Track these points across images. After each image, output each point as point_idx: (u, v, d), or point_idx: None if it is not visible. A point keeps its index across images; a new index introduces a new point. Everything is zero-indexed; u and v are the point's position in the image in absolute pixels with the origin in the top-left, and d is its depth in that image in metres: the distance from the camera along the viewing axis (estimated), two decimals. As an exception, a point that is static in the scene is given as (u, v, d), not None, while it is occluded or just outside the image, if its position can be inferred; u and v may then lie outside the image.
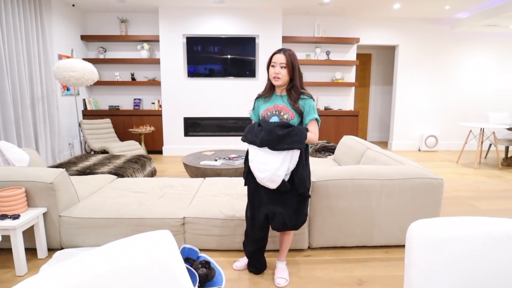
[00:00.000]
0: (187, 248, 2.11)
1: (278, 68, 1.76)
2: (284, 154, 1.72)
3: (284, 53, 1.76)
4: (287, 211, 1.81)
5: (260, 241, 1.97)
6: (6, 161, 2.55)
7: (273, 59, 1.78)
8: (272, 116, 1.81)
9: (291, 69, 1.76)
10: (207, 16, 5.48)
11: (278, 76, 1.76)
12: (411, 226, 0.95)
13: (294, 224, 1.85)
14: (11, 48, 3.86)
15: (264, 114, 1.84)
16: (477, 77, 6.37)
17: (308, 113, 1.79)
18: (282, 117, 1.79)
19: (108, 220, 2.26)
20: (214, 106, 5.78)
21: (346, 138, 3.67)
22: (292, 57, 1.77)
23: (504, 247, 0.92)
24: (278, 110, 1.80)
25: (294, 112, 1.78)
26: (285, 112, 1.79)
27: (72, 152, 5.35)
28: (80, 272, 0.72)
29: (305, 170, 1.80)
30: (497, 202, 3.48)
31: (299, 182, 1.76)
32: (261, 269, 2.06)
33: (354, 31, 6.02)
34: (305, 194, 1.82)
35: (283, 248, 2.04)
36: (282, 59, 1.75)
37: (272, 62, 1.79)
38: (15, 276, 2.02)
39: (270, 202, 1.82)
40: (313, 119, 1.79)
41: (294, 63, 1.77)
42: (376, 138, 7.61)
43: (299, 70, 1.81)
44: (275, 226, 1.84)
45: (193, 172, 3.49)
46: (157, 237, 0.86)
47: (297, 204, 1.83)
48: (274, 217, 1.82)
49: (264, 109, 1.85)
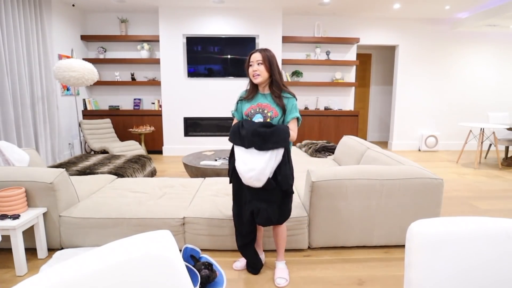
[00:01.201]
0: (189, 248, 2.11)
1: (256, 65, 1.80)
2: (270, 154, 1.76)
3: (259, 51, 1.82)
4: (271, 207, 1.85)
5: (248, 235, 2.01)
6: (6, 161, 2.55)
7: (250, 58, 1.83)
8: (256, 113, 1.84)
9: (268, 65, 1.80)
10: (207, 16, 5.48)
11: (257, 73, 1.80)
12: (411, 226, 0.95)
13: (278, 219, 1.89)
14: (11, 48, 3.86)
15: (247, 112, 1.88)
16: (477, 77, 6.37)
17: (290, 111, 1.83)
18: (266, 114, 1.82)
19: (108, 220, 2.26)
20: (214, 106, 5.78)
21: (346, 138, 3.67)
22: (268, 53, 1.82)
23: (504, 247, 0.92)
24: (262, 108, 1.84)
25: (278, 110, 1.82)
26: (269, 110, 1.82)
27: (72, 152, 5.35)
28: (80, 272, 0.72)
29: (287, 168, 1.82)
30: (497, 202, 3.48)
31: (282, 179, 1.79)
32: (257, 267, 2.05)
33: (354, 31, 6.02)
34: (289, 190, 1.85)
35: (279, 245, 2.03)
36: (258, 57, 1.80)
37: (250, 61, 1.83)
38: (15, 276, 2.02)
39: (254, 199, 1.86)
40: (294, 117, 1.84)
41: (271, 59, 1.81)
42: (376, 138, 7.61)
43: (278, 67, 1.85)
44: (260, 221, 1.88)
45: (193, 172, 3.49)
46: (157, 237, 0.86)
47: (280, 200, 1.87)
48: (259, 213, 1.86)
49: (247, 107, 1.88)
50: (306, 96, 6.07)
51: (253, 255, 2.04)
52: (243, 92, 1.98)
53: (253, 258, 2.04)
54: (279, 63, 5.64)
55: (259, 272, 2.06)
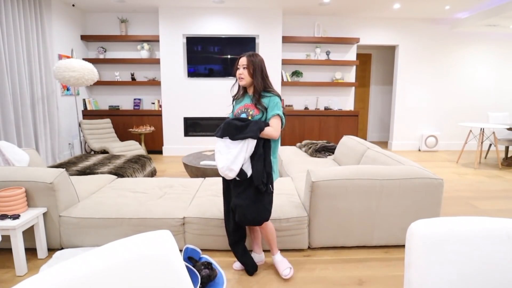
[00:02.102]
0: (190, 248, 2.11)
1: (241, 69, 1.91)
2: (241, 144, 1.82)
3: (246, 56, 1.91)
4: (246, 203, 1.86)
5: (235, 234, 2.04)
6: (6, 161, 2.55)
7: (238, 62, 1.93)
8: (242, 113, 1.95)
9: (251, 69, 1.89)
10: (207, 16, 5.48)
11: (241, 77, 1.92)
12: (411, 226, 0.95)
13: (254, 217, 1.87)
14: (11, 48, 3.86)
15: (236, 112, 2.00)
16: (477, 77, 6.37)
17: (271, 109, 1.88)
18: (249, 113, 1.92)
19: (108, 220, 2.26)
20: (214, 106, 5.78)
21: (346, 138, 3.67)
22: (253, 58, 1.90)
23: (504, 247, 0.92)
24: (246, 108, 1.94)
25: (259, 109, 1.90)
26: (251, 109, 1.92)
27: (72, 152, 5.35)
28: (80, 272, 0.72)
29: (261, 164, 1.84)
30: (497, 202, 3.48)
31: (254, 174, 1.83)
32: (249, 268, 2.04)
33: (354, 31, 6.02)
34: (260, 187, 1.83)
35: (269, 242, 2.04)
36: (244, 61, 1.90)
37: (238, 65, 1.94)
38: (15, 276, 2.02)
39: (233, 196, 1.94)
40: (275, 114, 1.87)
41: (254, 63, 1.89)
42: (376, 138, 7.61)
43: (262, 71, 1.92)
44: (237, 218, 1.91)
45: (193, 172, 3.49)
46: (157, 237, 0.86)
47: (255, 197, 1.86)
48: (235, 210, 1.91)
49: (237, 108, 2.01)
50: (306, 96, 6.07)
51: (242, 254, 2.05)
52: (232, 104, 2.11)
53: (243, 257, 2.05)
54: (279, 63, 5.66)
55: (252, 273, 2.04)
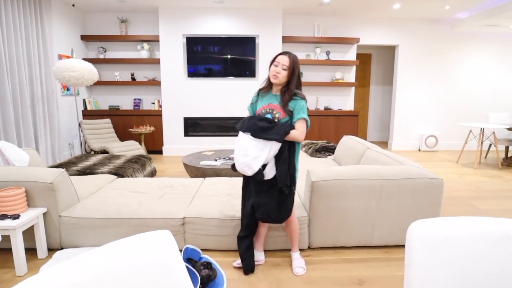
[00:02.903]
0: (190, 248, 2.11)
1: (280, 68, 1.85)
2: (264, 144, 1.82)
3: (288, 56, 1.85)
4: (270, 203, 1.91)
5: (248, 229, 2.06)
6: (6, 161, 2.55)
7: (277, 59, 1.87)
8: (266, 114, 1.92)
9: (291, 72, 1.85)
10: (207, 16, 5.48)
11: (277, 75, 1.85)
12: (411, 226, 0.95)
13: (276, 216, 1.94)
14: (11, 48, 3.86)
15: (259, 111, 1.96)
16: (477, 77, 6.37)
17: (297, 112, 1.88)
18: (274, 115, 1.89)
19: (108, 220, 2.26)
20: (214, 106, 5.78)
21: (346, 138, 3.67)
22: (295, 61, 1.86)
23: (504, 247, 0.92)
24: (272, 109, 1.91)
25: (286, 112, 1.88)
26: (277, 111, 1.89)
27: (72, 152, 5.35)
28: (80, 272, 0.72)
29: (286, 167, 1.86)
30: (497, 202, 3.48)
31: (279, 176, 1.85)
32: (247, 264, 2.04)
33: (354, 31, 6.02)
34: (283, 189, 1.88)
35: (292, 239, 2.14)
36: (286, 61, 1.84)
37: (276, 61, 1.87)
38: (15, 276, 2.02)
39: (256, 194, 1.94)
40: (301, 118, 1.87)
41: (295, 68, 1.86)
42: (376, 138, 7.61)
43: (299, 76, 1.90)
44: (259, 216, 1.96)
45: (193, 172, 3.49)
46: (157, 237, 0.86)
47: (279, 197, 1.92)
48: (259, 207, 1.94)
49: (260, 106, 1.97)
50: (306, 96, 6.05)
51: (246, 250, 2.06)
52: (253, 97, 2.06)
53: (245, 253, 2.06)
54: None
55: (247, 273, 2.04)
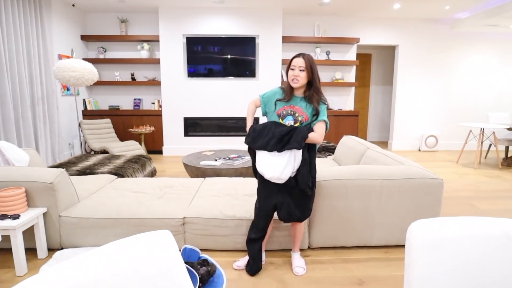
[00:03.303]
0: (188, 248, 2.11)
1: (297, 71, 1.84)
2: (288, 155, 1.81)
3: (303, 57, 1.85)
4: (293, 203, 1.93)
5: (261, 231, 2.04)
6: (6, 161, 2.55)
7: (293, 62, 1.86)
8: (288, 115, 1.89)
9: (310, 72, 1.84)
10: (207, 16, 5.48)
11: (297, 79, 1.84)
12: (411, 226, 0.95)
13: (299, 216, 1.97)
14: (11, 48, 3.86)
15: (280, 112, 1.92)
16: (477, 77, 6.37)
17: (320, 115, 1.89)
18: (297, 118, 1.88)
19: (108, 220, 2.26)
20: (214, 106, 5.78)
21: (346, 138, 3.67)
22: (311, 60, 1.86)
23: (504, 247, 0.92)
24: (294, 111, 1.88)
25: (309, 115, 1.87)
26: (300, 114, 1.87)
27: (72, 152, 5.35)
28: (80, 272, 0.72)
29: (307, 169, 1.87)
30: (497, 202, 3.48)
31: (300, 179, 1.86)
32: (256, 266, 2.05)
33: (354, 31, 6.02)
34: (305, 190, 1.90)
35: (296, 239, 2.16)
36: (301, 63, 1.83)
37: (292, 65, 1.86)
38: (15, 276, 2.02)
39: (279, 193, 1.93)
40: (321, 120, 1.88)
41: (313, 66, 1.85)
42: (376, 138, 7.61)
43: (318, 73, 1.88)
44: (282, 215, 1.97)
45: (193, 172, 3.49)
46: (157, 237, 0.86)
47: (301, 198, 1.94)
48: (281, 207, 1.94)
49: (281, 107, 1.92)
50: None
51: (258, 252, 2.06)
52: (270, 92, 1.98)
53: (257, 255, 2.05)
54: (279, 63, 5.66)
55: (256, 273, 2.05)
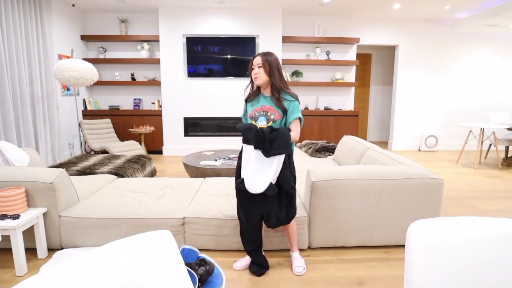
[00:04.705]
0: (186, 249, 2.11)
1: (256, 68, 1.88)
2: (275, 160, 1.80)
3: (261, 55, 1.89)
4: (278, 208, 1.92)
5: (256, 241, 2.05)
6: (6, 161, 2.55)
7: (253, 62, 1.90)
8: (260, 116, 1.91)
9: (268, 68, 1.86)
10: (207, 16, 5.48)
11: (257, 76, 1.87)
12: (411, 226, 0.95)
13: (285, 219, 1.97)
14: (11, 48, 3.86)
15: (252, 114, 1.94)
16: (477, 77, 6.37)
17: (292, 112, 1.88)
18: (269, 117, 1.88)
19: (108, 220, 2.26)
20: (214, 106, 5.78)
21: (346, 138, 3.67)
22: (269, 56, 1.88)
23: (504, 247, 0.92)
24: (265, 111, 1.90)
25: (280, 112, 1.88)
26: (272, 112, 1.88)
27: (72, 152, 5.35)
28: (80, 272, 0.72)
29: (288, 169, 1.88)
30: (497, 202, 3.48)
31: (282, 181, 1.86)
32: (262, 268, 2.06)
33: (354, 31, 6.02)
34: (289, 191, 1.91)
35: (291, 239, 2.15)
36: (259, 60, 1.88)
37: (252, 65, 1.91)
38: (15, 276, 2.02)
39: (263, 202, 1.90)
40: (296, 118, 1.87)
41: (270, 62, 1.86)
42: (376, 138, 7.61)
43: (278, 69, 1.90)
44: (270, 224, 1.95)
45: (193, 172, 3.49)
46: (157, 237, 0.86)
47: (287, 200, 1.95)
48: (269, 216, 1.92)
49: (252, 110, 1.95)
50: (306, 96, 6.07)
51: (263, 258, 2.09)
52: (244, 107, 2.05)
53: (262, 261, 2.08)
54: (279, 63, 5.65)
55: (262, 273, 2.05)
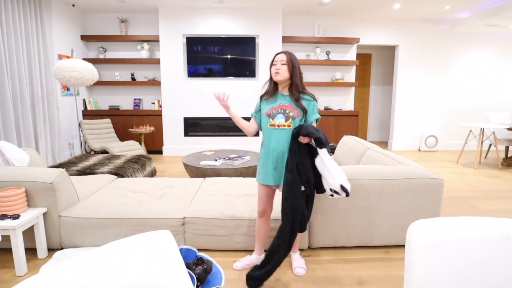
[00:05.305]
0: (184, 249, 2.11)
1: (279, 65, 1.86)
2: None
3: (284, 53, 1.88)
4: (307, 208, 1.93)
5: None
6: (6, 161, 2.55)
7: (275, 58, 1.89)
8: (278, 114, 1.88)
9: (291, 67, 1.85)
10: (207, 16, 5.48)
11: (278, 72, 1.85)
12: (411, 226, 0.95)
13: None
14: (11, 48, 3.86)
15: (269, 112, 1.91)
16: (477, 77, 6.37)
17: (312, 113, 1.89)
18: (288, 114, 1.86)
19: (108, 220, 2.26)
20: (214, 106, 5.78)
21: (346, 138, 3.67)
22: (292, 56, 1.88)
23: (504, 247, 0.92)
24: (283, 108, 1.88)
25: (299, 110, 1.86)
26: (291, 110, 1.86)
27: (72, 152, 5.35)
28: (80, 272, 0.72)
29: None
30: (497, 202, 3.48)
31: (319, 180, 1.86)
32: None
33: (354, 31, 6.02)
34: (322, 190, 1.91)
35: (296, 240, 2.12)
36: (283, 57, 1.86)
37: (274, 61, 1.89)
38: (15, 276, 2.02)
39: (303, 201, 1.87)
40: (317, 119, 1.90)
41: (294, 62, 1.87)
42: (376, 138, 7.61)
43: (299, 70, 1.90)
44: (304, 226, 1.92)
45: (193, 172, 3.49)
46: (157, 237, 0.86)
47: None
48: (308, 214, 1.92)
49: (269, 107, 1.92)
50: (306, 96, 6.06)
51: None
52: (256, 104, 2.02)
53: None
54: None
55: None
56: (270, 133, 1.89)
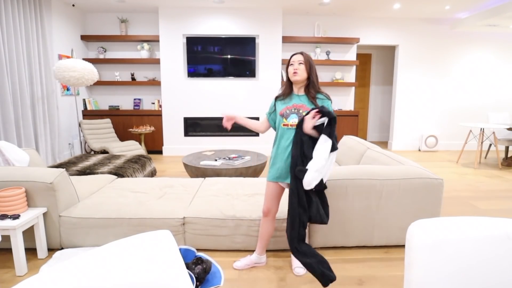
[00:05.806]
0: (183, 249, 2.11)
1: (297, 65, 1.87)
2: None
3: (301, 53, 1.91)
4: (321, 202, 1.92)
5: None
6: (6, 161, 2.55)
7: (292, 58, 1.91)
8: (291, 114, 1.88)
9: (308, 66, 1.87)
10: (207, 16, 5.48)
11: (296, 71, 1.86)
12: (411, 226, 0.95)
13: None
14: (11, 48, 3.86)
15: (283, 112, 1.91)
16: (477, 77, 6.37)
17: None
18: (301, 114, 1.85)
19: (108, 220, 2.26)
20: (214, 106, 5.78)
21: (346, 138, 3.67)
22: (309, 56, 1.91)
23: (504, 247, 0.92)
24: (297, 108, 1.88)
25: None
26: (304, 109, 1.86)
27: (72, 152, 5.35)
28: (80, 272, 0.72)
29: None
30: (497, 202, 3.48)
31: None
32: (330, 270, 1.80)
33: (354, 31, 6.02)
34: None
35: None
36: (300, 58, 1.88)
37: (291, 61, 1.90)
38: (15, 276, 2.02)
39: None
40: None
41: (311, 62, 1.89)
42: (376, 138, 7.61)
43: (316, 71, 1.91)
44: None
45: (193, 172, 3.49)
46: (157, 237, 0.86)
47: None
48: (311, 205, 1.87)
49: (283, 107, 1.93)
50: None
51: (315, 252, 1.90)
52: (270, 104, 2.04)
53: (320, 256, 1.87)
54: (279, 63, 5.67)
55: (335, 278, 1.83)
56: (283, 132, 1.90)
